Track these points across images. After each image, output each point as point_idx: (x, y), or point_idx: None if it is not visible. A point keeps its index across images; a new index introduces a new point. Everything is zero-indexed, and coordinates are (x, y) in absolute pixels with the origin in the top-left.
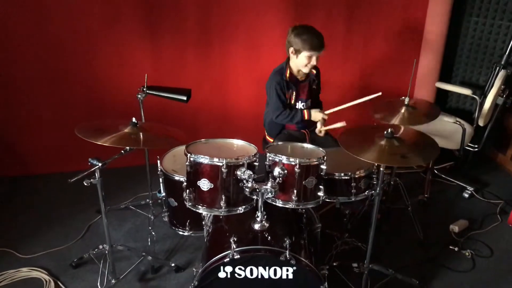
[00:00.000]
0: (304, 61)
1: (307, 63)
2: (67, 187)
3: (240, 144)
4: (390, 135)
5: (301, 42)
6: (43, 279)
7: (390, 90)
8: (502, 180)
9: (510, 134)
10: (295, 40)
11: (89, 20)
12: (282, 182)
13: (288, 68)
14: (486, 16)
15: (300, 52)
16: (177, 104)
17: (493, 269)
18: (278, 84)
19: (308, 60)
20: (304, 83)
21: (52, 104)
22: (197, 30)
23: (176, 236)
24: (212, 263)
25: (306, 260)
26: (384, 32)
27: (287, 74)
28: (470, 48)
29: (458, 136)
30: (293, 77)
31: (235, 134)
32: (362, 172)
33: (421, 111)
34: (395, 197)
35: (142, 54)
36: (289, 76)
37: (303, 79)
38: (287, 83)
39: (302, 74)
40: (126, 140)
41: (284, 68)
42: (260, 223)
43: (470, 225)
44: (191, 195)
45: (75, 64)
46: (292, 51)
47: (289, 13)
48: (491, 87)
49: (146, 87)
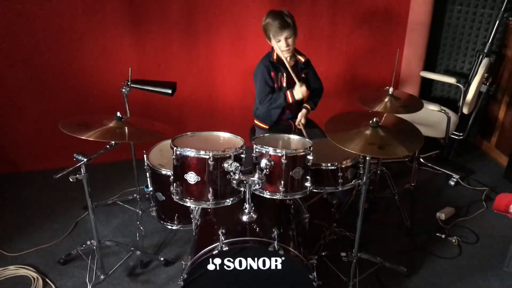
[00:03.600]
0: (277, 47)
1: (282, 48)
2: (53, 183)
3: (226, 136)
4: (375, 124)
5: (268, 27)
6: (31, 277)
7: (375, 80)
8: (487, 167)
9: (494, 121)
10: (264, 27)
11: (72, 13)
12: (269, 173)
13: (274, 53)
14: (469, 4)
15: (271, 38)
16: (163, 97)
17: (479, 255)
18: (266, 67)
19: (278, 45)
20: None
21: (35, 100)
22: (182, 22)
23: (165, 230)
24: (201, 256)
25: (294, 250)
26: (368, 22)
27: (273, 56)
28: (454, 37)
29: (443, 124)
30: (281, 60)
31: (222, 127)
32: (348, 162)
33: (404, 102)
34: (382, 186)
35: (126, 47)
36: (276, 59)
37: (292, 64)
38: (275, 66)
39: (288, 58)
40: (111, 134)
41: (271, 53)
42: (248, 214)
43: (456, 212)
44: (179, 189)
45: (58, 59)
46: (268, 40)
47: (274, 3)
48: (474, 75)
49: (130, 81)
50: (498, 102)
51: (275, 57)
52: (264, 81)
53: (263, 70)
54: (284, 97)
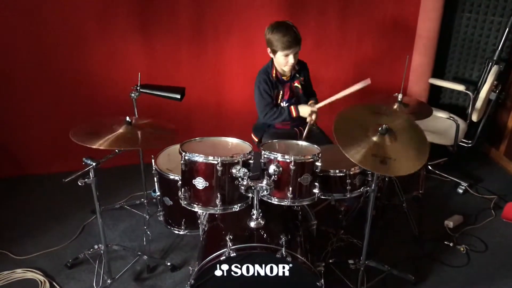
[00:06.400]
0: (282, 61)
1: (285, 63)
2: (62, 187)
3: (235, 142)
4: (384, 131)
5: (275, 41)
6: (38, 280)
7: (384, 87)
8: (495, 175)
9: (503, 129)
10: (269, 40)
11: (82, 19)
12: (277, 179)
13: (273, 68)
14: (478, 12)
15: (276, 52)
16: (171, 102)
17: (488, 264)
18: (265, 83)
19: (285, 59)
20: (287, 83)
21: (45, 104)
22: (191, 28)
23: (172, 235)
24: (208, 262)
25: (302, 257)
26: (377, 29)
27: (273, 74)
28: (462, 44)
29: (452, 131)
30: (279, 77)
31: (230, 132)
32: (357, 169)
33: (414, 109)
34: (390, 194)
35: (136, 52)
36: (275, 76)
37: (288, 78)
38: (272, 83)
39: (287, 73)
40: (121, 141)
41: (270, 67)
42: (255, 220)
43: (465, 220)
44: (186, 194)
45: (68, 63)
46: (270, 51)
47: (283, 10)
48: (484, 83)
49: (139, 86)
50: (507, 109)
51: (274, 74)
52: (262, 97)
53: (262, 86)
54: (288, 111)
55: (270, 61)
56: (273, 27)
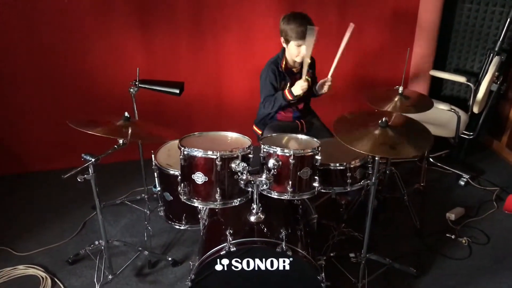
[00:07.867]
0: (294, 51)
1: (298, 53)
2: (62, 183)
3: (234, 136)
4: (385, 124)
5: (289, 31)
6: (39, 276)
7: (384, 79)
8: (497, 167)
9: (505, 120)
10: (284, 29)
11: (80, 14)
12: (277, 173)
13: (284, 58)
14: (479, 2)
15: (289, 42)
16: (170, 97)
17: (490, 256)
18: (272, 73)
19: (297, 49)
20: (297, 76)
21: (44, 100)
22: (190, 22)
23: (173, 230)
24: (208, 256)
25: (302, 251)
26: (377, 21)
27: (282, 65)
28: (464, 35)
29: (453, 123)
30: (288, 68)
31: (229, 127)
32: (357, 162)
33: (414, 101)
34: (391, 187)
35: (134, 47)
36: (284, 67)
37: (298, 70)
38: (282, 74)
39: (297, 65)
40: (119, 132)
41: (280, 58)
42: (255, 215)
43: (467, 213)
44: (186, 189)
45: (67, 59)
46: (283, 41)
47: (282, 2)
48: (485, 74)
49: (138, 81)
50: (509, 101)
51: (283, 65)
52: (272, 86)
53: (271, 76)
54: (282, 95)
55: (282, 51)
56: (289, 17)
